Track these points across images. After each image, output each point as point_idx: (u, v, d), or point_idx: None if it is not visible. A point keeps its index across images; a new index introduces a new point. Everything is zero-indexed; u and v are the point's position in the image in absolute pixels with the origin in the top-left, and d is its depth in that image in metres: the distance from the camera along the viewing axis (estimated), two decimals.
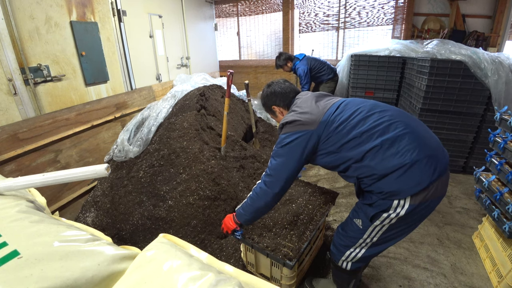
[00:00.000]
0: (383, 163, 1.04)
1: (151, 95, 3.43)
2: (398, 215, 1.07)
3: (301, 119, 1.18)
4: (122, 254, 0.71)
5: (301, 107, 1.24)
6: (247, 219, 1.33)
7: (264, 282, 0.68)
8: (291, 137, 1.18)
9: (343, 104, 1.20)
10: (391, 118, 1.10)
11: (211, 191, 2.08)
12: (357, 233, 1.21)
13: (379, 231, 1.15)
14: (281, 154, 1.20)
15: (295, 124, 1.19)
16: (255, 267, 1.61)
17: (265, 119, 4.54)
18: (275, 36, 5.10)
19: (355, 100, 1.23)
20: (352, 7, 4.34)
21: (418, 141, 1.05)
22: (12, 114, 2.02)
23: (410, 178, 1.02)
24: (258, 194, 1.26)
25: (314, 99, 1.26)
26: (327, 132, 1.15)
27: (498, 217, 1.60)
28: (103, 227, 2.08)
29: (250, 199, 1.29)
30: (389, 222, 1.11)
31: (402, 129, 1.06)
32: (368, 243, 1.20)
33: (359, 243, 1.22)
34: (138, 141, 2.56)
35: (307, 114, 1.19)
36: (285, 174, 1.19)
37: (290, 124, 1.20)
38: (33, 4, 2.11)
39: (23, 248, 0.63)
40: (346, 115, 1.15)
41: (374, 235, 1.17)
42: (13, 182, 0.86)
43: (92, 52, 2.63)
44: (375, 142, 1.06)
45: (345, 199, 2.49)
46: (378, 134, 1.07)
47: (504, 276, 1.53)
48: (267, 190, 1.23)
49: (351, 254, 1.26)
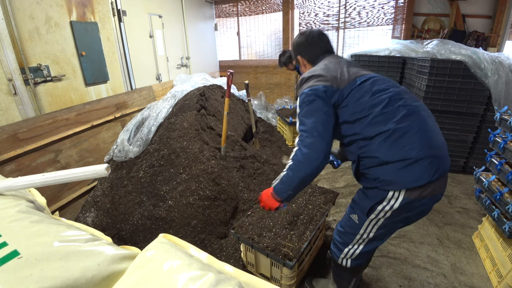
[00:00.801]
0: (389, 150, 1.02)
1: (151, 95, 3.43)
2: (392, 208, 1.06)
3: (327, 76, 1.12)
4: (122, 254, 0.71)
5: (329, 67, 1.17)
6: (290, 194, 1.17)
7: (264, 282, 0.68)
8: (315, 91, 1.09)
9: (374, 79, 1.13)
10: (414, 109, 1.06)
11: (211, 191, 2.08)
12: (354, 229, 1.20)
13: (374, 225, 1.15)
14: (309, 110, 1.10)
15: (319, 79, 1.12)
16: (255, 267, 1.61)
17: (265, 119, 4.55)
18: (275, 36, 5.10)
19: (386, 79, 1.17)
20: (352, 7, 4.34)
21: (429, 141, 1.03)
22: (12, 114, 2.02)
23: (410, 173, 1.01)
24: (300, 161, 1.09)
25: (346, 64, 1.20)
26: (349, 99, 1.09)
27: (498, 217, 1.60)
28: (103, 227, 2.08)
29: (290, 170, 1.13)
30: (384, 216, 1.10)
31: (419, 123, 1.04)
32: (365, 239, 1.20)
33: (356, 239, 1.21)
34: (138, 141, 2.56)
35: (333, 72, 1.13)
36: (322, 128, 1.07)
37: (315, 78, 1.13)
38: (33, 4, 2.11)
39: (23, 248, 0.63)
40: (374, 89, 1.09)
41: (370, 229, 1.16)
42: (13, 182, 0.86)
43: (92, 52, 2.63)
44: (390, 127, 1.02)
45: (345, 199, 2.49)
46: (396, 120, 1.03)
47: (504, 276, 1.53)
48: (310, 154, 1.07)
49: (349, 251, 1.25)
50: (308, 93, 1.10)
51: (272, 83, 5.33)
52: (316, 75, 1.14)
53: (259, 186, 2.48)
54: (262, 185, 2.49)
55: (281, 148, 3.55)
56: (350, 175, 2.88)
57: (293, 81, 4.99)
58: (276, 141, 3.67)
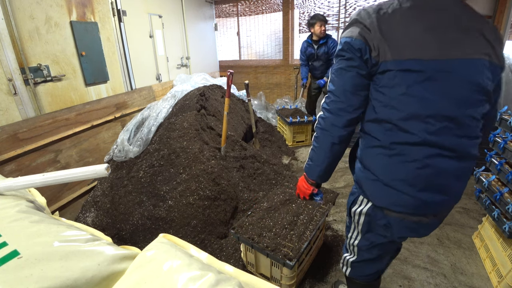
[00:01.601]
0: (384, 163, 0.86)
1: (151, 95, 3.43)
2: (361, 212, 0.99)
3: (366, 24, 0.81)
4: (122, 254, 0.71)
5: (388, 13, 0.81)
6: (321, 170, 1.01)
7: (264, 282, 0.68)
8: (348, 42, 0.85)
9: (447, 70, 0.77)
10: (455, 132, 0.80)
11: (211, 191, 2.08)
12: (347, 231, 1.15)
13: (357, 231, 1.06)
14: (336, 68, 0.90)
15: (353, 27, 0.85)
16: (255, 267, 1.61)
17: (265, 119, 4.55)
18: (275, 36, 5.10)
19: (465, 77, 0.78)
20: (352, 7, 4.34)
21: (439, 180, 0.83)
22: (12, 114, 2.02)
23: (387, 191, 0.87)
24: (324, 128, 0.94)
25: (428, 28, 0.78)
26: (391, 76, 0.79)
27: (498, 217, 1.60)
28: (103, 227, 2.08)
29: (315, 140, 0.98)
30: (358, 220, 1.02)
31: (446, 154, 0.81)
32: (353, 247, 1.12)
33: (348, 243, 1.15)
34: (138, 141, 2.56)
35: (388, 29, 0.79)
36: (349, 88, 0.87)
37: (353, 25, 0.85)
38: (33, 4, 2.11)
39: (23, 248, 0.63)
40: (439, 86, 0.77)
41: (356, 235, 1.08)
42: (13, 182, 0.86)
43: (92, 52, 2.63)
44: (418, 136, 0.79)
45: (345, 199, 2.49)
46: (427, 132, 0.79)
47: (504, 276, 1.53)
48: (334, 118, 0.91)
49: (346, 257, 1.21)
50: (340, 45, 0.90)
51: (272, 83, 5.34)
52: (360, 22, 0.84)
53: (259, 186, 2.48)
54: (262, 185, 2.49)
55: (281, 148, 3.55)
56: (350, 175, 2.88)
57: (293, 81, 5.00)
58: (276, 141, 3.67)
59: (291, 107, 4.19)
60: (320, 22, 3.39)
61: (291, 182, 2.00)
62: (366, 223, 1.00)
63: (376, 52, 0.80)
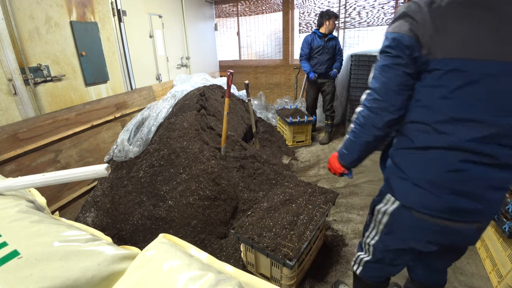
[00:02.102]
0: (418, 163, 0.84)
1: (151, 95, 3.43)
2: (386, 212, 0.97)
3: (416, 18, 0.76)
4: (122, 254, 0.71)
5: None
6: (353, 159, 1.04)
7: (264, 282, 0.68)
8: (396, 38, 0.80)
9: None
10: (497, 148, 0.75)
11: (211, 191, 2.08)
12: (365, 229, 1.14)
13: (377, 231, 1.05)
14: (381, 65, 0.86)
15: (402, 21, 0.79)
16: (255, 267, 1.61)
17: (265, 119, 4.55)
18: (275, 36, 5.10)
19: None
20: (352, 7, 4.34)
21: (474, 184, 0.79)
22: (12, 114, 2.02)
23: (415, 190, 0.85)
24: (362, 125, 0.93)
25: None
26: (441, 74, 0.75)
27: (498, 217, 1.60)
28: (103, 227, 2.08)
29: (352, 133, 0.98)
30: (381, 220, 1.00)
31: (484, 161, 0.77)
32: (369, 246, 1.11)
33: (364, 242, 1.14)
34: (138, 141, 2.56)
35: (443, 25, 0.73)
36: (393, 87, 0.83)
37: (402, 18, 0.80)
38: (33, 4, 2.11)
39: (23, 248, 0.63)
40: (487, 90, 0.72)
41: (374, 234, 1.07)
42: (13, 182, 0.86)
43: (92, 52, 2.63)
44: (456, 141, 0.76)
45: (345, 199, 2.49)
46: (468, 137, 0.75)
47: (504, 276, 1.53)
48: (373, 117, 0.89)
49: (359, 256, 1.19)
50: (385, 41, 0.86)
51: (272, 83, 5.34)
52: (409, 16, 0.79)
53: (259, 186, 2.48)
54: (262, 185, 2.49)
55: (281, 148, 3.55)
56: None
57: (293, 81, 5.00)
58: (276, 141, 3.67)
59: (291, 107, 4.19)
60: (334, 17, 3.50)
61: (291, 182, 2.00)
62: (388, 224, 0.99)
63: (426, 49, 0.75)
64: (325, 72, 3.63)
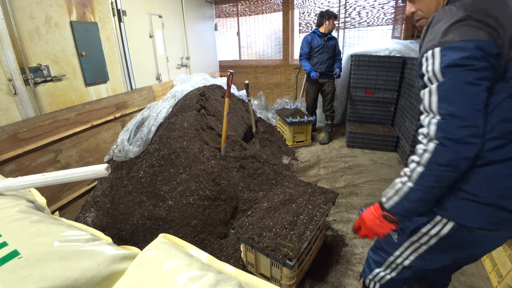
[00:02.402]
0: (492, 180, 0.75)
1: (151, 95, 3.43)
2: (438, 234, 0.85)
3: (487, 22, 0.67)
4: (122, 254, 0.71)
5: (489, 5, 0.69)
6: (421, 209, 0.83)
7: (264, 282, 0.68)
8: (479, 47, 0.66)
9: None
10: None
11: (211, 191, 2.08)
12: (390, 248, 1.00)
13: (414, 251, 0.94)
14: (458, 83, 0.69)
15: (472, 26, 0.68)
16: (255, 267, 1.61)
17: (265, 119, 4.55)
18: (275, 36, 5.10)
19: None
20: (352, 7, 4.34)
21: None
22: (12, 114, 2.02)
23: (487, 211, 0.77)
24: (447, 164, 0.71)
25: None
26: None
27: None
28: (103, 227, 2.08)
29: (426, 178, 0.75)
30: (427, 242, 0.89)
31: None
32: (399, 265, 0.99)
33: (389, 261, 1.02)
34: (138, 141, 2.56)
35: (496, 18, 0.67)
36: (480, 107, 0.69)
37: (465, 23, 0.68)
38: (33, 4, 2.11)
39: (23, 248, 0.63)
40: None
41: (407, 254, 0.95)
42: (13, 182, 0.86)
43: (92, 52, 2.63)
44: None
45: (345, 199, 2.49)
46: None
47: (504, 276, 1.53)
48: (464, 149, 0.69)
49: (379, 274, 1.07)
50: (453, 51, 0.70)
51: (272, 83, 5.34)
52: (472, 18, 0.69)
53: (259, 186, 2.48)
54: (262, 185, 2.49)
55: (281, 148, 3.55)
56: (350, 175, 2.88)
57: (293, 81, 5.00)
58: (276, 141, 3.67)
59: (291, 107, 4.19)
60: (334, 18, 3.51)
61: (291, 182, 2.00)
62: (436, 245, 0.88)
63: (508, 55, 0.67)
64: (326, 71, 3.63)
